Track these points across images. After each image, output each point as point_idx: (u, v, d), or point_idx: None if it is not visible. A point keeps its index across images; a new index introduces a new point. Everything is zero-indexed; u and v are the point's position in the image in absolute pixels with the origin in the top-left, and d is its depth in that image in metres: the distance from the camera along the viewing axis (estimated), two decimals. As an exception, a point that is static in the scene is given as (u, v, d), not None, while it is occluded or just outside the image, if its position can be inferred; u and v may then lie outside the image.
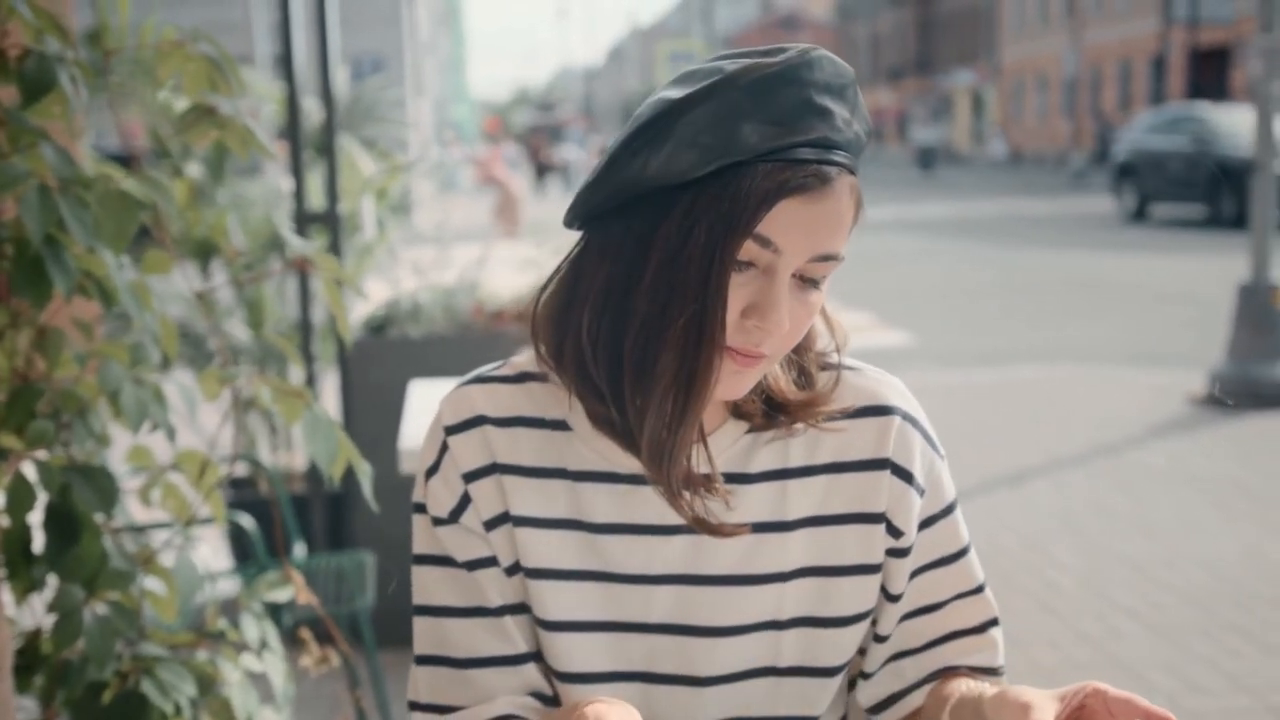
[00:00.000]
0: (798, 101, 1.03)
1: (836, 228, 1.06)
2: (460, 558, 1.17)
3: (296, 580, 1.80)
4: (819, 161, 1.03)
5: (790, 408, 1.16)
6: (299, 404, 1.64)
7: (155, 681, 1.68)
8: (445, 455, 1.17)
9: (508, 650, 1.17)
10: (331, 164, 3.78)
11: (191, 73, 1.84)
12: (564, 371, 1.13)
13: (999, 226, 19.72)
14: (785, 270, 1.05)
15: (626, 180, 1.05)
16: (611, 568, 1.16)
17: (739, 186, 1.01)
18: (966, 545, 1.24)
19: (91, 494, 1.66)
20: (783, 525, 1.17)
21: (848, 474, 1.18)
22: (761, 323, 1.05)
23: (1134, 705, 1.01)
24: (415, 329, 3.94)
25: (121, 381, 1.67)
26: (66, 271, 1.62)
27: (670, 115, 1.03)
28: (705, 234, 1.02)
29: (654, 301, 1.04)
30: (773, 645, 1.18)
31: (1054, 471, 5.82)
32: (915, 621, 1.22)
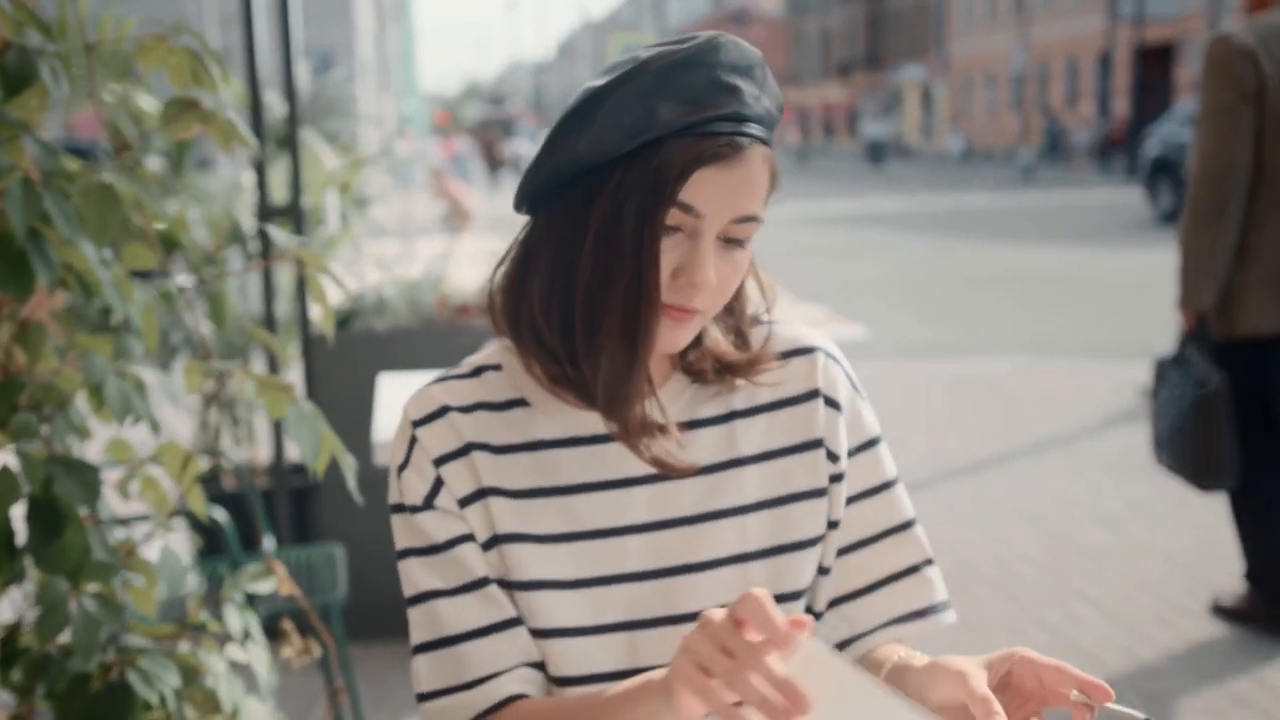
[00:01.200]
0: (706, 81, 1.14)
1: (752, 192, 1.17)
2: (441, 538, 1.25)
3: (279, 571, 1.81)
4: (731, 133, 1.15)
5: (735, 368, 1.28)
6: (284, 397, 1.65)
7: (140, 673, 1.69)
8: (415, 447, 1.26)
9: (497, 617, 1.24)
10: (295, 158, 3.77)
11: (174, 66, 1.84)
12: (521, 341, 1.24)
13: (950, 220, 19.90)
14: (709, 233, 1.16)
15: (562, 162, 1.17)
16: (584, 525, 1.25)
17: (660, 159, 1.13)
18: (893, 479, 1.35)
19: (74, 486, 1.66)
20: (736, 462, 1.29)
21: (786, 409, 1.31)
22: (691, 280, 1.16)
23: (1066, 674, 1.08)
24: (380, 323, 3.94)
25: (105, 374, 1.67)
26: (49, 264, 1.62)
27: (595, 100, 1.15)
28: (635, 204, 1.14)
29: (596, 267, 1.16)
30: (742, 577, 1.27)
31: (1010, 462, 5.90)
32: (852, 557, 1.32)
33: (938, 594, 1.33)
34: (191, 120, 1.85)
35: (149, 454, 1.98)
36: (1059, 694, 1.08)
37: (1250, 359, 3.61)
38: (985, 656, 1.11)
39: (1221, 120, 3.47)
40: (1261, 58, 3.44)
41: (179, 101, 1.83)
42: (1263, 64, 3.43)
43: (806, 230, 18.73)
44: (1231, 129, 3.46)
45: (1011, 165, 37.69)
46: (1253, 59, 3.43)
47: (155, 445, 1.96)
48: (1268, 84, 3.44)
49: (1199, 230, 3.53)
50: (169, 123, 1.81)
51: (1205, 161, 3.51)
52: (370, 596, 3.69)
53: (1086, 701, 1.06)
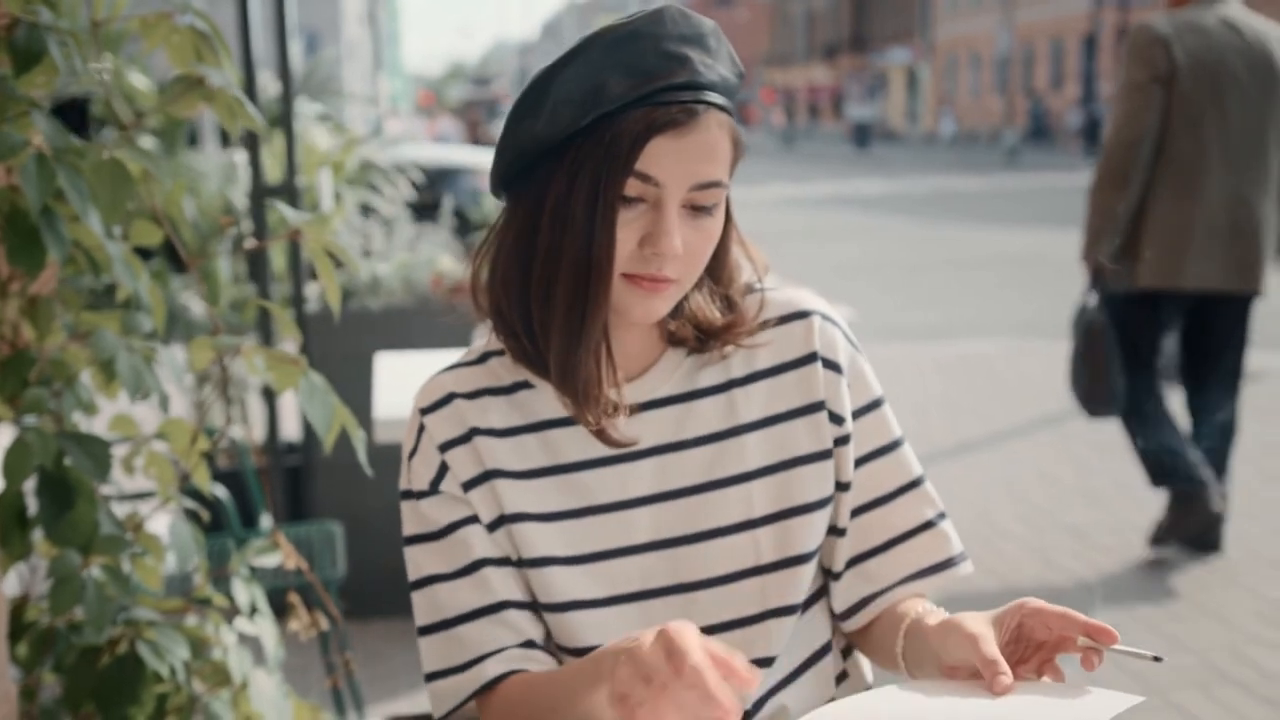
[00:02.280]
0: (654, 51, 1.16)
1: (710, 158, 1.18)
2: (442, 522, 1.28)
3: (285, 546, 1.83)
4: (684, 101, 1.16)
5: (716, 331, 1.30)
6: (295, 371, 1.67)
7: (150, 645, 1.71)
8: (423, 434, 1.31)
9: (487, 600, 1.26)
10: (289, 137, 3.77)
11: (176, 44, 1.85)
12: (490, 319, 1.28)
13: (935, 202, 19.93)
14: (671, 201, 1.18)
15: (520, 144, 1.20)
16: (590, 500, 1.28)
17: (614, 131, 1.15)
18: (900, 438, 1.37)
19: (86, 460, 1.68)
20: (737, 430, 1.31)
21: (785, 374, 1.33)
22: (656, 249, 1.18)
23: (1071, 619, 1.11)
24: (375, 301, 3.95)
25: (116, 350, 1.69)
26: (61, 240, 1.63)
27: (545, 81, 1.18)
28: (589, 178, 1.16)
29: (550, 240, 1.19)
30: (752, 544, 1.29)
31: (997, 442, 5.94)
32: (867, 516, 1.34)
33: (954, 546, 1.35)
34: (195, 98, 1.86)
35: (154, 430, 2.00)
36: (1069, 639, 1.11)
37: (1143, 308, 4.13)
38: (994, 612, 1.14)
39: (1136, 97, 3.95)
40: (1175, 46, 3.92)
41: (184, 79, 1.84)
42: (1175, 51, 3.92)
43: (791, 213, 18.76)
44: (1144, 106, 3.94)
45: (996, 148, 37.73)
46: (1166, 46, 3.92)
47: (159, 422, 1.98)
48: (1178, 69, 3.92)
49: (1105, 192, 4.00)
50: (173, 100, 1.82)
51: (1118, 132, 3.98)
52: (364, 573, 3.71)
53: (1094, 646, 1.09)
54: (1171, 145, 3.98)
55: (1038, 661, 1.14)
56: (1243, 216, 4.02)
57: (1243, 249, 4.04)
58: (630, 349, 1.30)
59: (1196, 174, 3.99)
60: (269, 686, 1.76)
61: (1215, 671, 3.51)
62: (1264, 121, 4.01)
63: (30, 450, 1.62)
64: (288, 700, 1.79)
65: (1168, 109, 3.95)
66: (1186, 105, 3.95)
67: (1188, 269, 4.01)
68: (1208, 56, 3.95)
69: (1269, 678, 3.46)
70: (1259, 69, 3.99)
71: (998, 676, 1.06)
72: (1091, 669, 1.10)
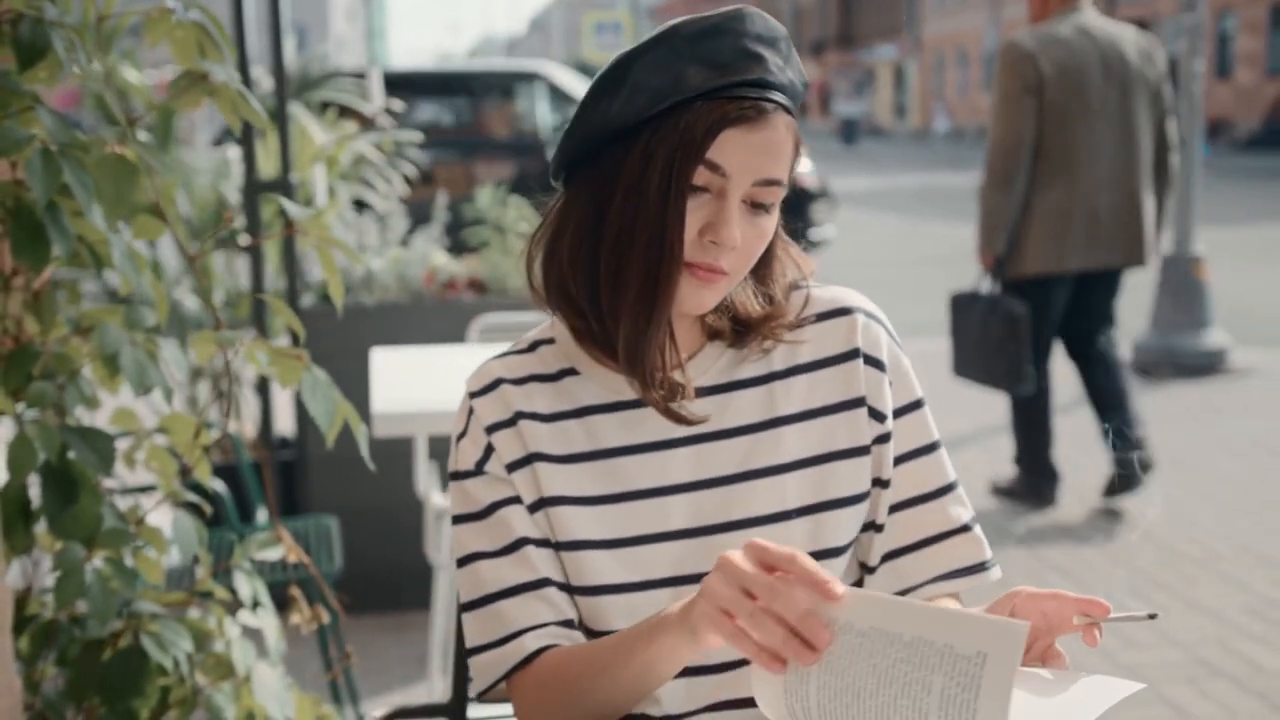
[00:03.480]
0: (734, 47, 1.20)
1: (776, 155, 1.22)
2: (486, 501, 1.31)
3: (287, 539, 1.84)
4: (756, 98, 1.20)
5: (753, 324, 1.32)
6: (298, 366, 1.68)
7: (153, 638, 1.72)
8: (471, 417, 1.33)
9: (528, 576, 1.29)
10: (283, 132, 3.78)
11: (179, 40, 1.85)
12: (552, 301, 1.30)
13: (922, 199, 19.98)
14: (734, 193, 1.21)
15: (594, 126, 1.23)
16: (629, 486, 1.30)
17: (688, 120, 1.19)
18: (938, 440, 1.38)
19: (90, 454, 1.68)
20: (775, 422, 1.33)
21: (826, 369, 1.35)
22: (716, 238, 1.21)
23: (1063, 598, 1.13)
24: (368, 297, 3.96)
25: (121, 344, 1.70)
26: (65, 235, 1.64)
27: (625, 65, 1.22)
28: (662, 162, 1.19)
29: (622, 224, 1.21)
30: (784, 535, 1.30)
31: (984, 439, 5.97)
32: (905, 514, 1.36)
33: (985, 552, 1.38)
34: (199, 93, 1.87)
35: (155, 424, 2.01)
36: (1064, 621, 1.13)
37: (1032, 292, 4.59)
38: (987, 604, 1.17)
39: (1011, 107, 4.46)
40: (1040, 59, 4.42)
41: (188, 75, 1.84)
42: (1041, 64, 4.42)
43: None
44: (1018, 114, 4.44)
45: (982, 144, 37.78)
46: (1033, 60, 4.43)
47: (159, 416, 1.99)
48: (1045, 79, 4.43)
49: (993, 192, 4.51)
50: (177, 95, 1.83)
51: (999, 139, 4.50)
52: (356, 568, 3.72)
53: (1090, 621, 1.11)
54: (1046, 146, 4.48)
55: (1039, 649, 1.15)
56: (1118, 201, 4.54)
57: (1123, 229, 4.57)
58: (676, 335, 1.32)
59: (1070, 169, 4.49)
60: (272, 679, 1.77)
61: (1205, 666, 3.54)
62: (1126, 114, 4.53)
63: (34, 444, 1.63)
64: (290, 693, 1.80)
65: (1040, 115, 4.45)
66: (1055, 110, 4.45)
67: (1070, 253, 4.52)
68: (1070, 64, 4.45)
69: (1259, 671, 3.49)
70: (1115, 68, 4.51)
71: None
72: (1095, 644, 1.12)
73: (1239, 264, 11.21)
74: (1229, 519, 4.78)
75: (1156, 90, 4.61)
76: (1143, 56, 4.58)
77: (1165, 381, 7.03)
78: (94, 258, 1.80)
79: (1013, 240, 4.53)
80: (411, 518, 3.77)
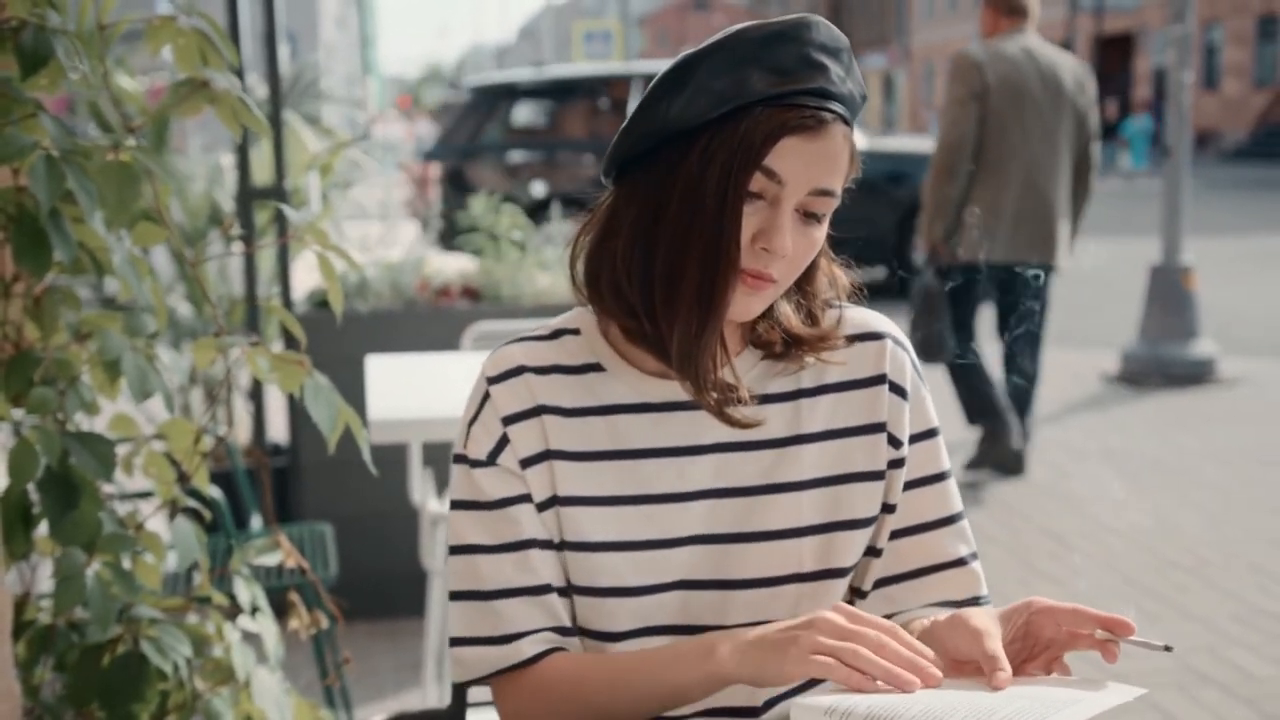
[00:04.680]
0: (797, 55, 1.20)
1: (833, 166, 1.22)
2: (494, 495, 1.29)
3: (285, 545, 1.85)
4: (816, 107, 1.20)
5: (803, 342, 1.31)
6: (299, 372, 1.68)
7: (153, 643, 1.72)
8: (487, 403, 1.31)
9: (531, 581, 1.28)
10: (278, 140, 3.78)
11: (182, 47, 1.86)
12: (599, 298, 1.29)
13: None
14: (789, 201, 1.21)
15: (653, 125, 1.22)
16: (648, 489, 1.29)
17: (748, 125, 1.18)
18: (948, 470, 1.38)
19: (90, 459, 1.69)
20: (799, 439, 1.32)
21: (852, 391, 1.35)
22: (769, 245, 1.21)
23: (1084, 614, 1.14)
24: (362, 304, 3.96)
25: (122, 350, 1.70)
26: (68, 241, 1.65)
27: (688, 66, 1.21)
28: (720, 167, 1.19)
29: (678, 228, 1.21)
30: (796, 552, 1.31)
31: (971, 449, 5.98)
32: (903, 542, 1.36)
33: (981, 587, 1.38)
34: (200, 100, 1.88)
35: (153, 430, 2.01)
36: (1079, 636, 1.14)
37: (967, 276, 4.99)
38: (1002, 609, 1.17)
39: (958, 110, 4.97)
40: (987, 70, 4.96)
41: (189, 82, 1.85)
42: (987, 74, 4.96)
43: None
44: (964, 117, 4.95)
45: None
46: (980, 70, 4.96)
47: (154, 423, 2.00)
48: (989, 88, 4.95)
49: (937, 185, 4.99)
50: (178, 103, 1.84)
51: (945, 137, 5.01)
52: (349, 575, 3.72)
53: (1111, 638, 1.12)
54: (985, 148, 4.99)
55: (1045, 660, 1.16)
56: (1040, 203, 5.05)
57: (1040, 229, 5.06)
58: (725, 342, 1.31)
59: (1004, 170, 5.00)
60: (271, 684, 1.78)
61: (1195, 673, 3.55)
62: (1055, 128, 5.06)
63: (36, 449, 1.63)
64: (289, 697, 1.80)
65: (982, 119, 4.96)
66: (996, 116, 4.96)
67: (998, 245, 4.99)
68: (1012, 77, 4.98)
69: (1249, 679, 3.51)
70: (1050, 88, 5.05)
71: (997, 672, 1.09)
72: (1114, 660, 1.12)
73: (1227, 274, 11.26)
74: (1218, 527, 4.81)
75: (1084, 115, 5.15)
76: (1076, 84, 5.12)
77: (1154, 391, 7.05)
78: (94, 264, 1.81)
79: (950, 229, 5.00)
80: (405, 525, 3.78)
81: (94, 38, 1.78)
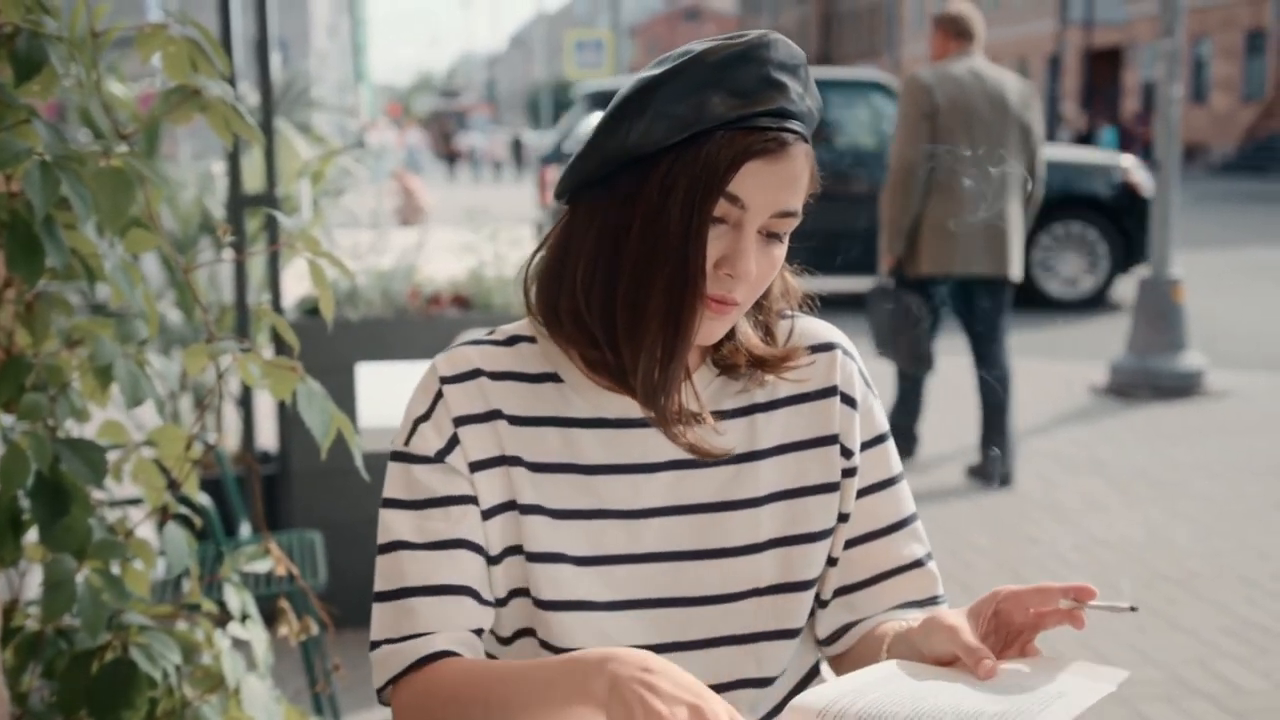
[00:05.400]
0: (758, 76, 1.18)
1: (794, 187, 1.21)
2: (438, 492, 1.25)
3: (276, 553, 1.85)
4: (778, 129, 1.18)
5: (766, 364, 1.31)
6: (292, 378, 1.68)
7: (142, 650, 1.72)
8: (439, 402, 1.28)
9: (455, 580, 1.24)
10: (269, 147, 3.78)
11: (172, 55, 1.86)
12: (557, 325, 1.26)
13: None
14: (751, 225, 1.20)
15: (612, 150, 1.19)
16: (604, 504, 1.28)
17: (709, 150, 1.16)
18: (899, 474, 1.38)
19: (81, 466, 1.69)
20: (754, 455, 1.31)
21: (805, 404, 1.34)
22: (733, 271, 1.19)
23: (1047, 591, 1.14)
24: (353, 312, 3.96)
25: (114, 357, 1.70)
26: (61, 248, 1.65)
27: (648, 90, 1.19)
28: (683, 194, 1.17)
29: (641, 256, 1.19)
30: (753, 567, 1.30)
31: (966, 458, 5.99)
32: (859, 550, 1.35)
33: (938, 587, 1.38)
34: (191, 108, 1.88)
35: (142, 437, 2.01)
36: (1044, 616, 1.14)
37: (924, 290, 5.30)
38: (970, 606, 1.17)
39: (910, 130, 5.22)
40: (936, 92, 5.20)
41: (180, 89, 1.85)
42: (936, 96, 5.20)
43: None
44: (916, 136, 5.19)
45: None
46: (930, 92, 5.20)
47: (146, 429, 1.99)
48: (939, 109, 5.19)
49: (892, 202, 5.21)
50: (170, 110, 1.84)
51: (898, 156, 5.23)
52: (338, 583, 3.71)
53: (1076, 605, 1.12)
54: (937, 166, 5.12)
55: (1019, 646, 1.16)
56: (992, 219, 5.20)
57: (994, 243, 5.25)
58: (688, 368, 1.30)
59: (955, 187, 5.15)
60: (261, 691, 1.78)
61: (1184, 685, 3.56)
62: (1002, 145, 5.27)
63: (27, 455, 1.63)
64: (279, 704, 1.80)
65: (933, 138, 5.18)
66: (946, 135, 5.19)
67: (955, 259, 5.21)
68: (960, 98, 5.23)
69: (1237, 691, 3.52)
70: (997, 106, 5.29)
71: (982, 662, 1.10)
72: (1081, 626, 1.13)
73: (1215, 287, 11.29)
74: (1207, 540, 4.82)
75: (1029, 129, 5.37)
76: (1021, 101, 5.36)
77: (1143, 403, 7.07)
78: (86, 270, 1.80)
79: (910, 244, 5.24)
80: (394, 533, 3.76)
81: (86, 44, 1.78)
